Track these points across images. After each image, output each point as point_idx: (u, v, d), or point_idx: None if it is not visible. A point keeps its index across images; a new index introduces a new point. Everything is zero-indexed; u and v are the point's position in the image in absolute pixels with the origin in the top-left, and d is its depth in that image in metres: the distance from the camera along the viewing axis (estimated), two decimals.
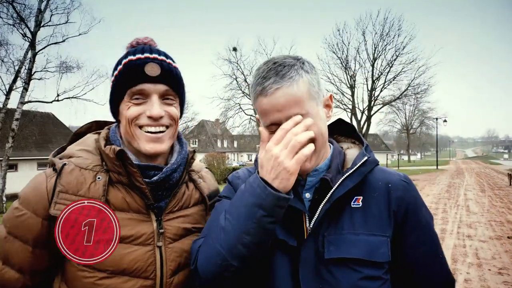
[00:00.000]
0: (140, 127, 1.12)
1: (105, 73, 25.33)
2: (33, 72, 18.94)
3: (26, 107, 19.29)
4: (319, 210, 1.04)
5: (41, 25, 19.04)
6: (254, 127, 45.93)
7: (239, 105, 44.13)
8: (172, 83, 1.15)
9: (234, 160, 67.84)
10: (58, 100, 20.86)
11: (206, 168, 1.48)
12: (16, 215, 1.07)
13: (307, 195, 1.11)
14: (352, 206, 1.06)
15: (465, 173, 32.99)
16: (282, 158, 0.93)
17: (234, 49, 43.34)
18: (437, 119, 43.19)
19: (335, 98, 38.21)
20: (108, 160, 1.12)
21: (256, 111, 1.09)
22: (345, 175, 1.05)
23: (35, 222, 1.06)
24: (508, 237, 7.78)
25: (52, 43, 19.88)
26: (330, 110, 1.12)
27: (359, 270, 0.99)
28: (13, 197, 18.35)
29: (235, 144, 74.52)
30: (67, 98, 21.68)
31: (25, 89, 17.69)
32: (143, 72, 1.09)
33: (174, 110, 1.16)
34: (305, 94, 1.01)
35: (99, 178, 1.10)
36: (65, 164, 1.10)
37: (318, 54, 64.70)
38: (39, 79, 20.05)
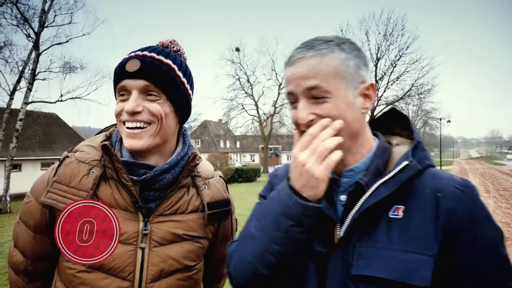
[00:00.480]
0: (124, 122, 1.13)
1: (108, 74, 25.36)
2: (36, 72, 18.98)
3: (30, 107, 19.33)
4: (349, 218, 0.93)
5: (45, 25, 19.08)
6: (257, 128, 45.95)
7: (242, 105, 44.22)
8: (153, 78, 1.10)
9: (236, 160, 67.82)
10: (61, 101, 20.89)
11: (221, 176, 1.40)
12: (25, 201, 1.18)
13: (342, 198, 0.98)
14: (390, 216, 0.90)
15: (469, 173, 32.84)
16: (310, 165, 0.85)
17: (237, 50, 43.44)
18: (440, 119, 42.95)
19: None
20: (104, 155, 1.14)
21: None
22: (379, 182, 0.91)
23: (36, 209, 1.13)
24: None
25: (56, 44, 19.92)
26: (368, 101, 0.96)
27: None
28: (17, 197, 18.41)
29: (238, 145, 74.53)
30: (70, 98, 21.72)
31: (29, 89, 17.74)
32: (124, 68, 1.11)
33: (156, 106, 1.11)
34: (331, 70, 0.90)
35: (92, 172, 1.12)
36: (67, 156, 1.16)
37: None
38: (42, 80, 20.10)
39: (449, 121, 42.96)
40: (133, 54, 1.15)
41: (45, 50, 19.43)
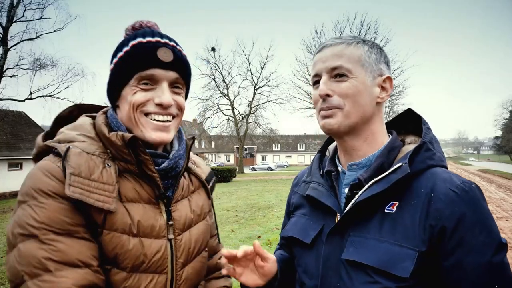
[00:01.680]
0: (146, 114, 1.06)
1: (81, 71, 24.77)
2: (4, 69, 18.30)
3: None
4: (346, 209, 1.01)
5: (14, 20, 18.42)
6: (232, 128, 45.83)
7: (218, 105, 43.96)
8: (183, 71, 1.10)
9: (212, 160, 67.48)
10: (31, 99, 20.23)
11: (195, 154, 1.42)
12: (34, 211, 0.94)
13: (346, 190, 1.05)
14: (386, 211, 0.96)
15: None
16: None
17: (213, 49, 43.16)
18: None
19: (312, 99, 38.52)
20: (113, 147, 1.03)
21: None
22: (373, 180, 0.98)
23: (64, 207, 0.94)
24: None
25: (25, 40, 19.29)
26: (384, 92, 1.06)
27: (378, 281, 0.91)
28: None
29: (213, 145, 74.14)
30: (40, 96, 21.06)
31: None
32: (155, 56, 1.03)
33: (182, 100, 1.12)
34: (354, 55, 1.02)
35: (108, 165, 1.00)
36: (69, 147, 0.97)
37: (296, 55, 65.36)
38: (11, 77, 19.42)
39: None
40: (151, 39, 1.05)
41: (13, 46, 18.77)
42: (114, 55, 1.09)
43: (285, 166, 70.21)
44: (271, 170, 60.29)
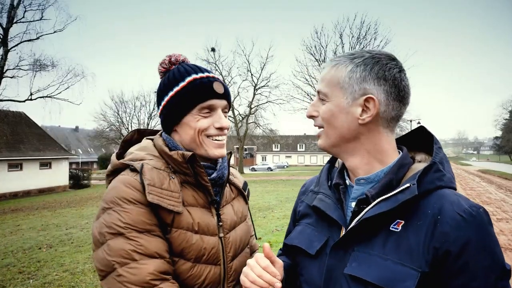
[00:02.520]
0: (208, 136, 1.29)
1: (81, 72, 24.78)
2: (4, 69, 18.31)
3: None
4: (352, 224, 1.02)
5: (14, 21, 18.44)
6: (232, 128, 45.83)
7: None
8: (229, 100, 1.34)
9: None
10: (31, 99, 20.24)
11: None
12: (120, 215, 1.15)
13: (353, 204, 1.06)
14: (391, 228, 0.96)
15: None
16: None
17: (213, 50, 43.15)
18: (411, 121, 44.24)
19: (312, 100, 38.44)
20: (175, 163, 1.26)
21: None
22: (380, 198, 0.98)
23: (144, 211, 1.16)
24: None
25: (26, 40, 19.30)
26: (365, 113, 1.01)
27: None
28: None
29: None
30: (41, 97, 21.07)
31: None
32: (212, 89, 1.27)
33: (229, 122, 1.36)
34: (334, 79, 1.05)
35: (172, 177, 1.24)
36: (143, 164, 1.21)
37: (296, 56, 65.33)
38: (11, 77, 19.42)
39: (419, 123, 44.26)
40: (205, 75, 1.30)
41: (14, 46, 18.78)
42: (167, 89, 1.30)
43: (285, 167, 70.23)
44: (271, 170, 60.32)
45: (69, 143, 68.45)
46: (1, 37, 17.88)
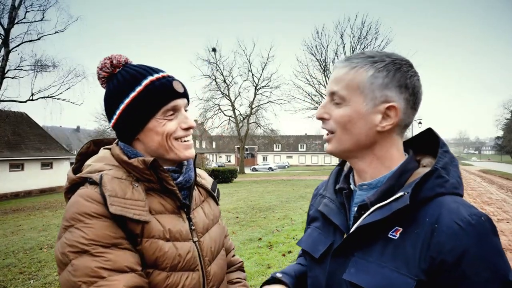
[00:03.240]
0: (176, 138, 1.23)
1: (82, 72, 24.82)
2: (6, 70, 18.35)
3: None
4: (352, 229, 1.01)
5: (15, 22, 18.47)
6: (233, 128, 45.88)
7: (218, 106, 43.98)
8: (188, 97, 1.29)
9: (212, 161, 67.47)
10: (32, 100, 20.28)
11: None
12: (83, 231, 1.08)
13: (355, 209, 1.06)
14: (389, 236, 0.95)
15: None
16: None
17: (214, 50, 43.20)
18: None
19: (313, 100, 38.61)
20: (136, 170, 1.19)
21: None
22: (376, 205, 0.97)
23: (108, 224, 1.09)
24: None
25: (27, 41, 19.34)
26: (385, 121, 0.98)
27: None
28: None
29: (214, 145, 74.17)
30: (42, 97, 21.10)
31: None
32: (173, 89, 1.21)
33: (193, 120, 1.31)
34: (353, 82, 0.98)
35: (136, 185, 1.17)
36: (102, 175, 1.14)
37: (297, 56, 65.38)
38: (12, 78, 19.46)
39: (420, 122, 44.23)
40: (161, 75, 1.23)
41: (15, 47, 18.83)
42: (120, 96, 1.19)
43: (286, 167, 70.23)
44: (272, 170, 60.31)
45: (70, 143, 68.55)
46: (3, 37, 17.93)
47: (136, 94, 1.18)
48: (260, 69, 45.00)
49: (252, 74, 44.68)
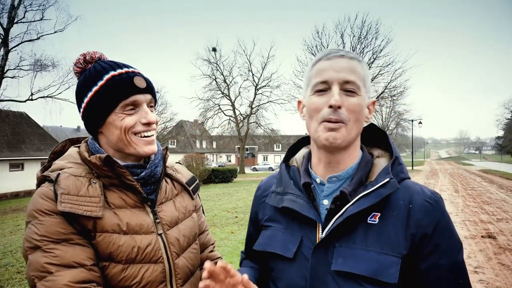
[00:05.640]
0: (135, 133, 1.25)
1: None
2: (5, 70, 18.36)
3: None
4: (332, 222, 1.03)
5: (14, 21, 18.48)
6: (233, 128, 45.90)
7: (219, 105, 44.03)
8: (153, 93, 1.31)
9: (213, 161, 67.49)
10: (32, 99, 20.28)
11: (177, 163, 1.63)
12: (36, 228, 1.13)
13: (325, 202, 1.09)
14: (368, 221, 1.02)
15: (439, 173, 33.89)
16: None
17: (214, 50, 43.26)
18: (412, 120, 44.33)
19: None
20: (95, 167, 1.22)
21: (307, 79, 1.12)
22: (361, 194, 1.02)
23: (59, 221, 1.13)
24: (482, 236, 8.02)
25: (26, 41, 19.35)
26: (370, 114, 1.13)
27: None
28: None
29: (214, 145, 74.19)
30: (41, 97, 21.11)
31: None
32: (133, 84, 1.23)
33: (156, 116, 1.32)
34: (361, 74, 1.06)
35: (94, 182, 1.20)
36: (59, 173, 1.18)
37: (297, 55, 65.34)
38: (12, 77, 19.48)
39: (420, 122, 44.32)
40: (124, 70, 1.25)
41: (14, 47, 18.83)
42: (85, 90, 1.24)
43: None
44: (272, 170, 60.27)
45: None
46: (2, 37, 17.93)
47: (98, 88, 1.22)
48: (260, 68, 45.04)
49: (252, 74, 44.74)
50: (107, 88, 1.21)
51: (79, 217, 1.12)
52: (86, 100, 1.24)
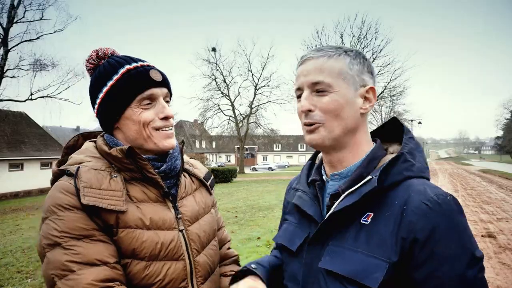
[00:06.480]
0: (155, 129, 1.22)
1: (81, 72, 24.83)
2: (5, 69, 18.35)
3: None
4: (323, 219, 1.03)
5: (14, 21, 18.47)
6: (233, 128, 45.87)
7: (218, 105, 44.02)
8: (169, 87, 1.28)
9: (212, 161, 67.47)
10: (31, 99, 20.27)
11: (192, 158, 1.60)
12: (55, 223, 1.09)
13: (327, 200, 1.08)
14: (361, 221, 0.97)
15: (439, 173, 33.88)
16: None
17: (213, 50, 43.22)
18: (412, 120, 44.26)
19: None
20: (116, 160, 1.19)
21: None
22: (347, 192, 0.99)
23: (81, 216, 1.10)
24: (482, 236, 8.03)
25: (26, 40, 19.33)
26: (368, 103, 1.05)
27: None
28: None
29: (214, 145, 74.16)
30: (41, 97, 21.10)
31: None
32: (150, 77, 1.20)
33: (172, 110, 1.29)
34: (334, 69, 1.01)
35: (115, 176, 1.17)
36: (79, 167, 1.14)
37: (297, 55, 65.32)
38: (11, 77, 19.47)
39: (420, 122, 44.32)
40: (139, 64, 1.23)
41: (14, 46, 18.82)
42: (100, 85, 1.22)
43: (286, 166, 70.21)
44: (272, 170, 60.33)
45: None
46: (2, 37, 17.92)
47: (114, 82, 1.20)
48: (260, 68, 44.97)
49: (252, 74, 44.74)
50: (123, 82, 1.19)
51: (101, 212, 1.09)
52: (101, 95, 1.22)
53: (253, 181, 29.34)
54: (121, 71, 1.20)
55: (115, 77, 1.20)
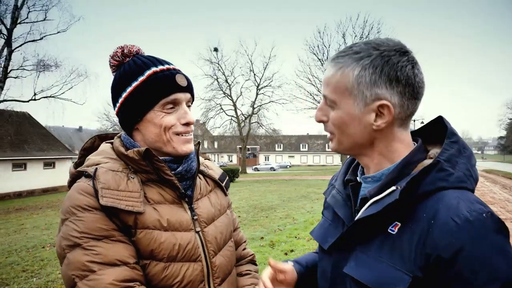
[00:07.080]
0: (176, 134, 1.22)
1: (84, 72, 24.92)
2: (9, 70, 18.44)
3: (1, 106, 18.78)
4: (350, 225, 1.01)
5: (18, 22, 18.54)
6: (235, 128, 45.87)
7: (220, 105, 43.99)
8: (192, 92, 1.28)
9: (214, 161, 67.47)
10: (35, 99, 20.35)
11: (206, 159, 1.60)
12: (75, 224, 1.10)
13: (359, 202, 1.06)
14: (389, 231, 0.92)
15: None
16: None
17: (215, 50, 43.19)
18: (414, 120, 44.15)
19: (314, 99, 38.59)
20: (133, 162, 1.19)
21: None
22: (372, 200, 0.95)
23: (100, 217, 1.11)
24: None
25: (29, 41, 19.41)
26: (381, 119, 0.94)
27: None
28: None
29: (216, 145, 74.21)
30: (44, 97, 21.17)
31: (0, 87, 17.17)
32: (175, 82, 1.20)
33: (193, 116, 1.29)
34: (340, 84, 0.95)
35: (132, 177, 1.17)
36: (97, 168, 1.15)
37: (299, 55, 65.29)
38: (15, 78, 19.56)
39: (422, 122, 44.12)
40: (166, 67, 1.22)
41: (18, 47, 18.90)
42: (124, 84, 1.21)
43: (288, 166, 70.19)
44: (274, 170, 60.31)
45: (72, 143, 68.72)
46: (5, 37, 18.00)
47: (139, 83, 1.19)
48: (262, 68, 45.22)
49: (254, 74, 44.69)
50: (148, 84, 1.18)
51: (119, 212, 1.09)
52: (124, 94, 1.21)
53: (255, 181, 29.33)
54: (147, 72, 1.20)
55: (140, 78, 1.19)
